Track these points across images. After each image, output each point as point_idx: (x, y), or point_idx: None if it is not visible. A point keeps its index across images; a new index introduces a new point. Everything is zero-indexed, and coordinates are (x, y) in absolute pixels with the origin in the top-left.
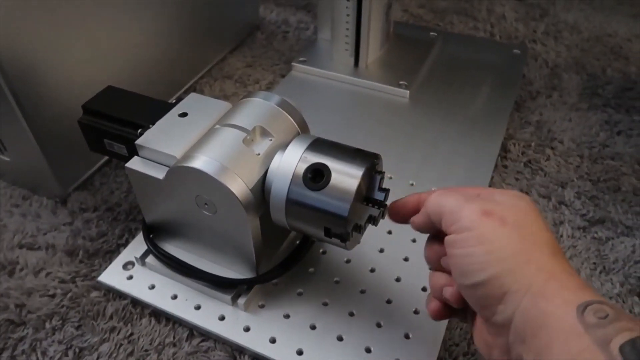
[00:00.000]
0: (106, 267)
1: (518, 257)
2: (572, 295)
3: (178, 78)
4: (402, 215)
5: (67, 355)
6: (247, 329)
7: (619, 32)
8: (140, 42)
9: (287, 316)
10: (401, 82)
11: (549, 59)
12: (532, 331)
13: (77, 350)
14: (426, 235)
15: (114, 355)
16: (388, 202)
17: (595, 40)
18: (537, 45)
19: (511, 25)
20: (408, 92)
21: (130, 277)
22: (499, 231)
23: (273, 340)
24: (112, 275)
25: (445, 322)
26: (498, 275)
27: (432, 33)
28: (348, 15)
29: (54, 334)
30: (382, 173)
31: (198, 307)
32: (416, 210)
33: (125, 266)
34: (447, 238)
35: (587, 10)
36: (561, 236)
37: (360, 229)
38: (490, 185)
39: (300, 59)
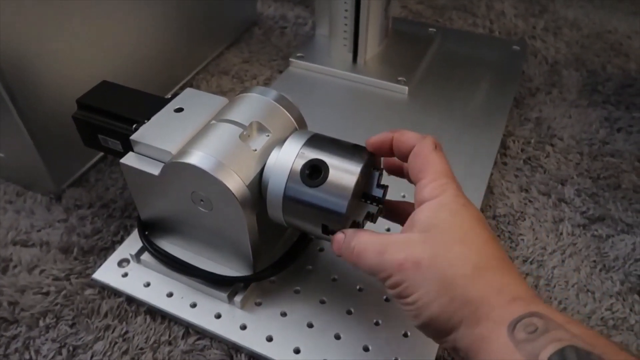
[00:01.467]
0: (101, 265)
1: (441, 299)
2: (503, 314)
3: (174, 74)
4: (381, 154)
5: (60, 354)
6: (243, 327)
7: (619, 28)
8: (136, 38)
9: (284, 314)
10: (400, 78)
11: (549, 55)
12: (473, 355)
13: (71, 348)
14: None
15: (109, 353)
16: (386, 199)
17: (595, 36)
18: (536, 41)
19: (510, 22)
20: (407, 88)
21: (125, 275)
22: (417, 278)
23: (270, 339)
24: (107, 273)
25: None
26: (430, 320)
27: (430, 29)
28: (346, 10)
29: (47, 332)
30: (380, 169)
31: (194, 305)
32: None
33: (120, 263)
34: (385, 288)
35: (587, 7)
36: (561, 234)
37: (358, 226)
38: (489, 182)
39: (298, 54)
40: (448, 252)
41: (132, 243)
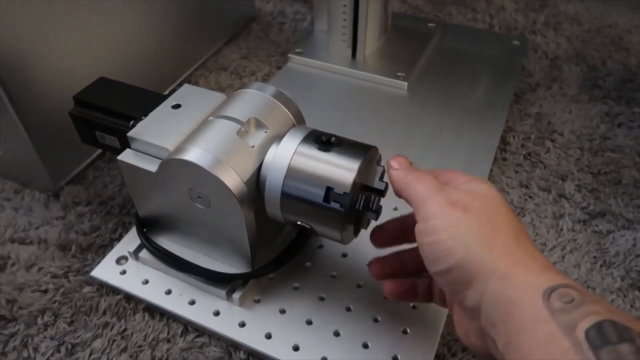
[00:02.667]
0: (99, 262)
1: (481, 242)
2: (537, 280)
3: (172, 70)
4: (385, 240)
5: (59, 352)
6: (242, 325)
7: (619, 23)
8: (134, 34)
9: (283, 311)
10: (399, 74)
11: (549, 50)
12: (502, 317)
13: (69, 346)
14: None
15: (107, 351)
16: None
17: (596, 31)
18: (536, 36)
19: (510, 17)
20: (406, 83)
21: (124, 272)
22: (463, 219)
23: (269, 336)
24: (105, 270)
25: (443, 317)
26: (462, 260)
27: (430, 24)
28: (345, 6)
29: (45, 329)
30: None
31: (192, 302)
32: (397, 234)
33: (118, 261)
34: (416, 227)
35: (588, 1)
36: (561, 229)
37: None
38: (489, 178)
39: (297, 50)
40: (494, 211)
41: (131, 240)
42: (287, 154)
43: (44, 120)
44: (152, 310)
